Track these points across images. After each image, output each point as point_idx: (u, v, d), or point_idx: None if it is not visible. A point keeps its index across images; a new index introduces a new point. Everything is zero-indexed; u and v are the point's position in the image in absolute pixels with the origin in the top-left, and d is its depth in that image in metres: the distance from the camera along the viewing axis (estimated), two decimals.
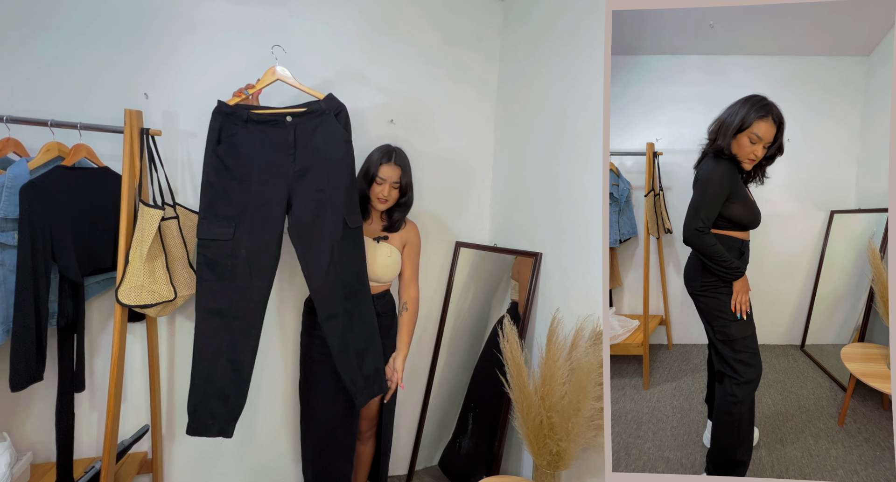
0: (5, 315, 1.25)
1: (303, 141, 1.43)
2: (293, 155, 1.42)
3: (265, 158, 1.41)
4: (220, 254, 1.37)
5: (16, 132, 1.37)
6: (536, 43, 1.89)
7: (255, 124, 1.41)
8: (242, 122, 1.40)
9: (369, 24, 1.89)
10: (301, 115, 1.43)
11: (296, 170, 1.42)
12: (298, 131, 1.43)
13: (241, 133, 1.40)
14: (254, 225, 1.39)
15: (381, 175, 1.58)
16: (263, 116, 1.41)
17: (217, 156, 1.38)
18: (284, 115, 1.42)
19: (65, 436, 1.38)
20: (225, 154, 1.38)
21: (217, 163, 1.38)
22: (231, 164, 1.38)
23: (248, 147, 1.40)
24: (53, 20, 1.47)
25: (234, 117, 1.40)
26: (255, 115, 1.41)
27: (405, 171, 1.62)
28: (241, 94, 1.47)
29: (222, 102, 1.42)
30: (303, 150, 1.43)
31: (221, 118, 1.40)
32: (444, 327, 2.09)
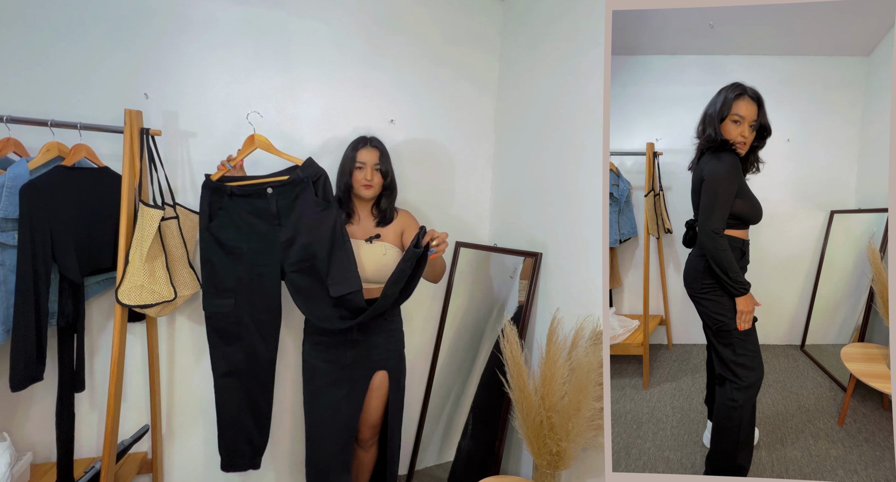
0: (5, 315, 1.25)
1: (286, 210, 1.48)
2: (278, 225, 1.48)
3: (253, 230, 1.46)
4: (225, 323, 1.48)
5: (16, 132, 1.37)
6: (536, 43, 1.88)
7: (240, 197, 1.45)
8: (227, 196, 1.45)
9: (369, 23, 1.89)
10: (281, 184, 1.47)
11: (283, 240, 1.48)
12: (280, 201, 1.47)
13: (228, 206, 1.45)
14: (252, 295, 1.48)
15: (360, 159, 1.59)
16: (246, 189, 1.45)
17: (210, 233, 1.45)
18: (265, 186, 1.46)
19: (65, 435, 1.38)
20: (216, 229, 1.45)
21: (210, 239, 1.45)
22: (223, 239, 1.45)
23: (237, 219, 1.46)
24: (53, 20, 1.47)
25: (219, 192, 1.45)
26: (237, 189, 1.45)
27: (383, 155, 1.62)
28: (224, 167, 1.48)
29: (208, 177, 1.45)
30: (286, 218, 1.48)
31: (209, 193, 1.45)
32: (445, 327, 2.09)
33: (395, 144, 1.97)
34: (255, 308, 1.48)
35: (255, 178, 1.48)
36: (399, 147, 1.98)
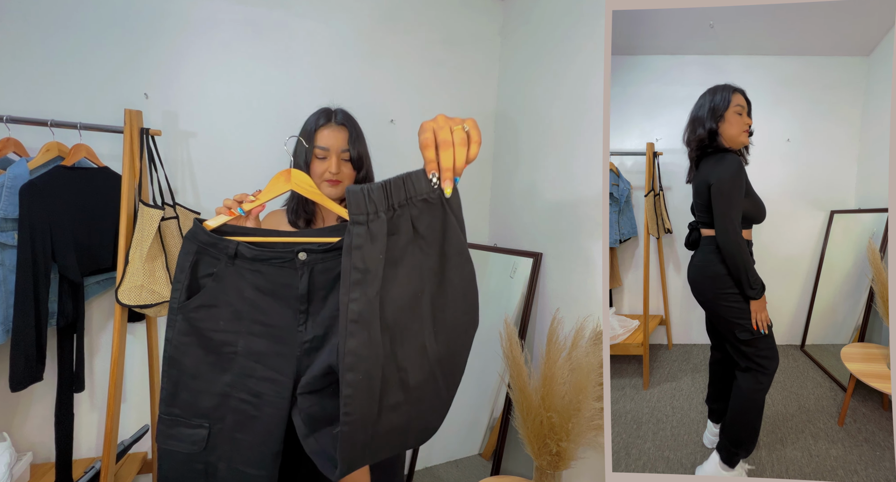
0: (5, 315, 1.25)
1: (320, 290, 0.86)
2: (304, 313, 0.86)
3: (260, 319, 0.86)
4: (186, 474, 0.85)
5: (16, 132, 1.37)
6: (536, 43, 1.89)
7: (248, 262, 0.85)
8: (228, 258, 0.85)
9: (369, 23, 1.89)
10: (325, 249, 0.85)
11: (307, 338, 0.86)
12: (316, 275, 0.86)
13: (226, 275, 0.85)
14: (240, 430, 0.85)
15: (319, 144, 1.14)
16: (263, 250, 0.85)
17: (184, 316, 0.84)
18: (296, 249, 0.85)
19: (64, 436, 1.38)
20: (197, 311, 0.84)
21: (184, 327, 0.84)
22: (206, 328, 0.84)
23: (236, 298, 0.85)
24: (53, 20, 1.47)
25: (214, 249, 0.85)
26: (247, 250, 0.85)
27: (354, 134, 1.17)
28: (233, 211, 0.91)
29: (199, 224, 0.87)
30: (319, 304, 0.87)
31: (196, 250, 0.85)
32: None
33: (395, 144, 1.97)
34: (239, 451, 0.85)
35: (282, 235, 0.89)
36: (399, 147, 1.98)
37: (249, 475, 0.85)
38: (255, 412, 0.85)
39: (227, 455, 0.85)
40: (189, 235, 0.87)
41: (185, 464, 0.85)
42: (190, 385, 0.84)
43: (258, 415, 0.85)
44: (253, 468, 0.85)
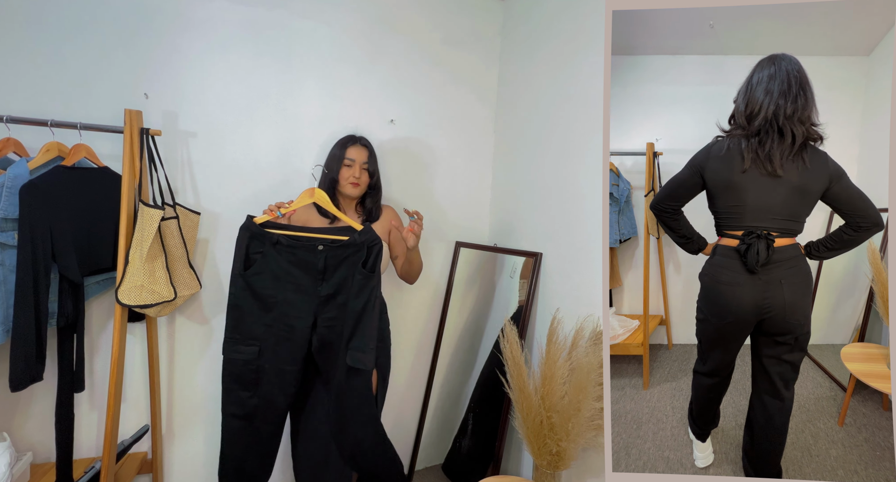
0: (5, 315, 1.25)
1: (332, 268, 1.42)
2: (322, 280, 1.42)
3: (293, 281, 1.41)
4: (244, 371, 1.40)
5: (16, 132, 1.37)
6: (536, 43, 1.89)
7: (285, 247, 1.40)
8: (271, 244, 1.40)
9: (369, 24, 1.89)
10: (336, 245, 1.41)
11: (322, 295, 1.42)
12: (329, 260, 1.42)
13: (270, 254, 1.40)
14: (278, 345, 1.41)
15: (349, 156, 1.60)
16: (295, 241, 1.41)
17: (244, 280, 1.39)
18: (316, 243, 1.41)
19: (65, 436, 1.38)
20: (252, 277, 1.39)
21: (243, 286, 1.39)
22: (258, 287, 1.39)
23: (276, 269, 1.40)
24: (53, 20, 1.47)
25: (262, 238, 1.40)
26: (284, 239, 1.40)
27: (372, 154, 1.64)
28: (273, 214, 1.42)
29: (251, 220, 1.39)
30: (331, 276, 1.43)
31: (249, 236, 1.39)
32: (445, 327, 2.09)
33: (395, 144, 1.97)
34: (279, 358, 1.41)
35: (308, 231, 1.43)
36: (399, 147, 1.98)
37: (286, 370, 1.42)
38: (289, 336, 1.42)
39: (271, 360, 1.41)
40: (244, 226, 1.39)
41: (244, 365, 1.40)
42: (246, 320, 1.40)
43: (291, 338, 1.42)
44: (288, 365, 1.43)
